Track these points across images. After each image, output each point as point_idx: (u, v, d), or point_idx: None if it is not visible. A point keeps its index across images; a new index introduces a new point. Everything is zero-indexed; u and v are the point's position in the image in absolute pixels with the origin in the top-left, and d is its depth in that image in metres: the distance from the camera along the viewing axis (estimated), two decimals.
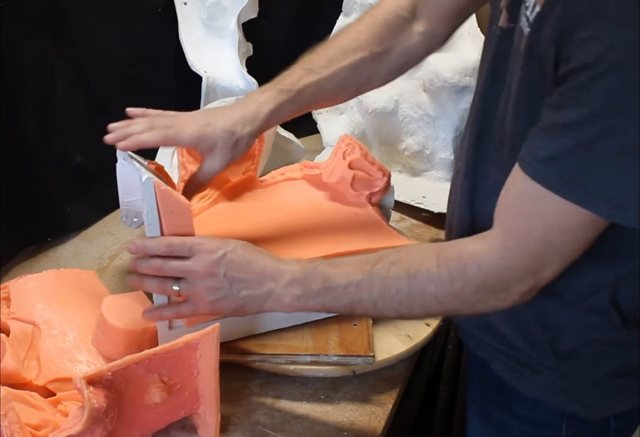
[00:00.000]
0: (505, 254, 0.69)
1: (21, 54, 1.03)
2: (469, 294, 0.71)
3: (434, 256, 0.73)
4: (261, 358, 0.90)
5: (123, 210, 1.04)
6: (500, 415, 0.89)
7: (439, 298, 0.73)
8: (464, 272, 0.71)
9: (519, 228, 0.68)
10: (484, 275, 0.70)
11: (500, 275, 0.70)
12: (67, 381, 0.81)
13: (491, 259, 0.70)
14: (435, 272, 0.72)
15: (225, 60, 1.27)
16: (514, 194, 0.68)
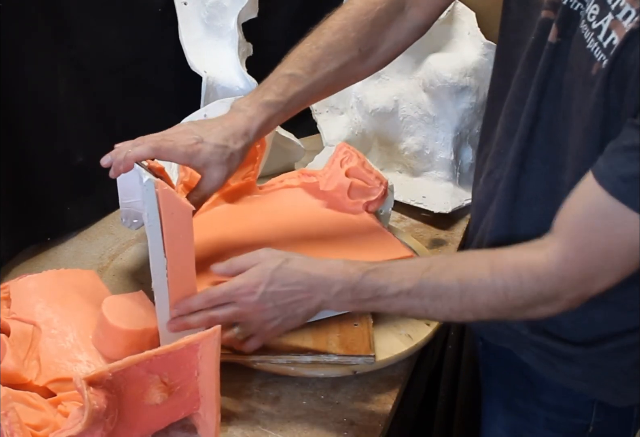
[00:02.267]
0: (564, 266, 0.70)
1: (21, 54, 1.03)
2: (521, 303, 0.73)
3: (488, 263, 0.74)
4: (262, 358, 0.90)
5: (123, 212, 1.04)
6: (525, 404, 0.91)
7: (490, 306, 0.74)
8: (520, 282, 0.72)
9: (583, 241, 0.69)
10: (541, 286, 0.71)
11: (556, 286, 0.71)
12: (67, 381, 0.81)
13: (549, 270, 0.70)
14: (489, 282, 0.73)
15: (225, 60, 1.27)
16: (583, 207, 0.68)
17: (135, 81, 1.24)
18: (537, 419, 0.90)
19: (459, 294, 0.74)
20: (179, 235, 0.80)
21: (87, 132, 1.18)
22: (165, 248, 0.80)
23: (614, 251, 0.67)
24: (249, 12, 1.28)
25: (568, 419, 0.89)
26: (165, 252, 0.80)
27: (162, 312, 0.84)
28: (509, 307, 0.74)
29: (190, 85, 1.25)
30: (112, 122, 1.22)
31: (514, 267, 0.72)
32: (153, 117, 1.27)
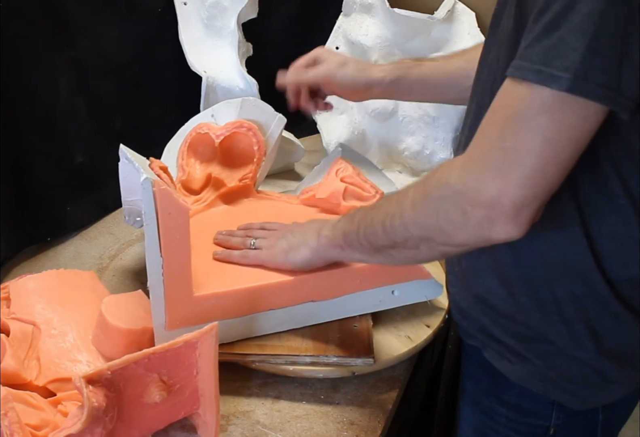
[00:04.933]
0: (465, 153, 0.67)
1: (21, 54, 1.03)
2: (435, 198, 0.69)
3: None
4: (261, 359, 0.90)
5: (125, 210, 1.04)
6: (489, 402, 0.89)
7: (412, 202, 0.73)
8: (431, 178, 0.71)
9: (481, 127, 0.66)
10: (446, 176, 0.68)
11: (463, 174, 0.66)
12: (67, 381, 0.81)
13: (452, 162, 0.70)
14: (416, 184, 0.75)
15: (225, 60, 1.27)
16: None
17: (135, 81, 1.24)
18: (500, 418, 0.89)
19: (392, 200, 0.77)
20: (175, 235, 0.80)
21: (87, 132, 1.18)
22: (161, 247, 0.80)
23: (509, 126, 0.63)
24: (249, 12, 1.28)
25: (528, 420, 0.86)
26: (161, 251, 0.80)
27: (158, 312, 0.84)
28: (427, 205, 0.71)
29: (190, 85, 1.25)
30: (112, 122, 1.22)
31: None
32: (153, 117, 1.28)
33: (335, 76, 1.01)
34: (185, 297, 0.85)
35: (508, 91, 0.63)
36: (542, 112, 0.60)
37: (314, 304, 0.93)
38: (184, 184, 1.06)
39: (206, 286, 0.88)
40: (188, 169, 1.07)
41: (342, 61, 1.02)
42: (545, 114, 0.60)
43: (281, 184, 1.31)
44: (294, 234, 0.90)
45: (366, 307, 0.96)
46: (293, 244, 0.90)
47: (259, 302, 0.90)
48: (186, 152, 1.08)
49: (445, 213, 0.68)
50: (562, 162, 0.63)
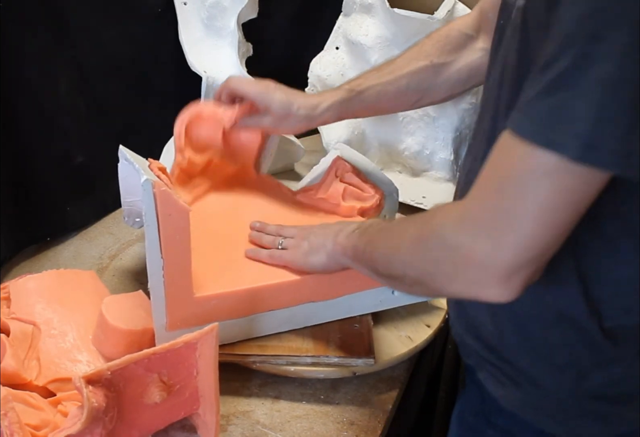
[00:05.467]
0: (463, 203, 0.65)
1: (21, 54, 1.03)
2: (430, 245, 0.67)
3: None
4: (261, 359, 0.90)
5: (125, 210, 1.04)
6: (476, 422, 0.86)
7: (404, 245, 0.71)
8: (429, 222, 0.68)
9: (483, 179, 0.63)
10: (442, 225, 0.65)
11: (457, 228, 0.63)
12: (67, 381, 0.81)
13: (450, 210, 0.67)
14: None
15: (225, 60, 1.27)
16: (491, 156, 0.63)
17: (135, 81, 1.24)
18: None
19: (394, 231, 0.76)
20: (175, 236, 0.80)
21: (87, 132, 1.18)
22: (162, 248, 0.80)
23: (508, 185, 0.59)
24: (249, 12, 1.28)
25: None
26: (162, 252, 0.80)
27: (158, 312, 0.84)
28: (418, 251, 0.68)
29: (190, 85, 1.25)
30: (112, 122, 1.22)
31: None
32: (153, 117, 1.28)
33: (278, 130, 1.02)
34: (186, 298, 0.85)
35: (509, 147, 0.59)
36: (543, 177, 0.57)
37: (314, 304, 0.93)
38: (183, 169, 1.04)
39: (207, 287, 0.88)
40: (187, 153, 1.04)
41: (284, 112, 0.96)
42: (547, 179, 0.57)
43: None
44: (317, 236, 0.89)
45: (366, 308, 0.96)
46: (313, 246, 0.89)
47: (260, 303, 0.90)
48: (184, 133, 1.04)
49: (439, 264, 0.66)
50: (561, 226, 0.60)
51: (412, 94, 0.98)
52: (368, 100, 0.97)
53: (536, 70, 0.58)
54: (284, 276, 0.91)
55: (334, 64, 1.30)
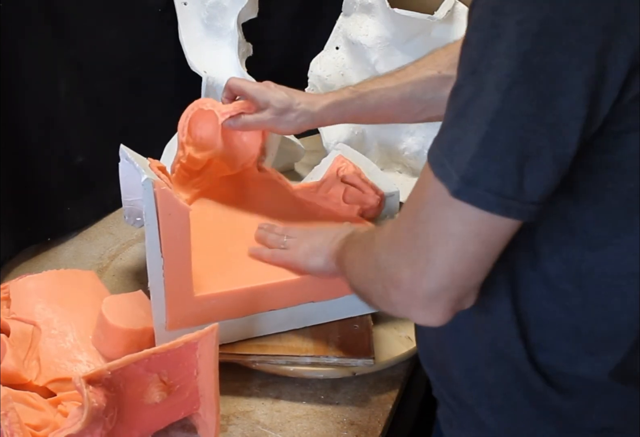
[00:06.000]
0: (392, 222, 0.64)
1: (21, 54, 1.03)
2: (369, 264, 0.66)
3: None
4: (261, 359, 0.90)
5: (126, 210, 1.04)
6: None
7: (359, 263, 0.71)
8: (373, 240, 0.68)
9: (406, 201, 0.62)
10: (378, 245, 0.65)
11: (386, 249, 0.63)
12: (67, 381, 0.81)
13: (386, 229, 0.65)
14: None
15: (225, 60, 1.27)
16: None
17: (135, 81, 1.24)
18: None
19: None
20: (176, 235, 0.80)
21: (87, 132, 1.18)
22: (162, 248, 0.80)
23: (418, 211, 0.58)
24: (249, 12, 1.28)
25: None
26: (162, 251, 0.80)
27: (159, 312, 0.84)
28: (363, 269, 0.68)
29: (190, 85, 1.25)
30: (112, 123, 1.22)
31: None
32: (153, 117, 1.28)
33: (278, 126, 0.98)
34: (186, 297, 0.85)
35: (424, 171, 0.58)
36: (444, 207, 0.55)
37: (314, 304, 0.93)
38: (184, 165, 1.04)
39: (207, 287, 0.88)
40: (189, 149, 1.04)
41: (283, 107, 0.95)
42: (448, 209, 0.55)
43: None
44: (317, 238, 0.90)
45: (366, 308, 0.96)
46: (314, 248, 0.89)
47: (260, 303, 0.90)
48: (187, 128, 1.04)
49: (373, 282, 0.65)
50: (472, 257, 0.56)
51: (416, 102, 0.95)
52: (370, 104, 0.95)
53: (449, 96, 0.56)
54: (284, 275, 0.91)
55: (334, 64, 1.30)
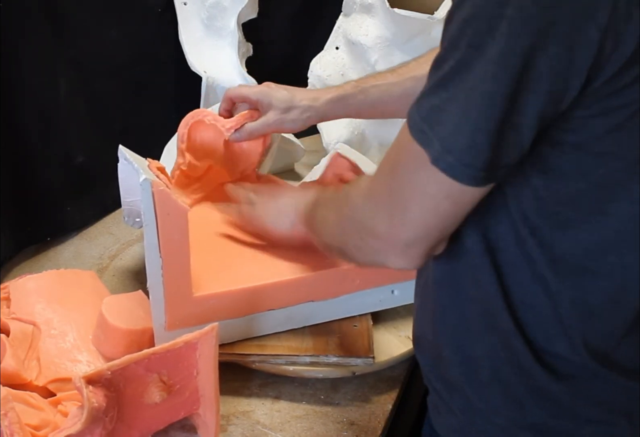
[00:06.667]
0: (370, 178, 0.68)
1: (21, 54, 1.03)
2: (344, 216, 0.71)
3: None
4: (261, 359, 0.90)
5: (125, 210, 1.04)
6: None
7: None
8: (348, 194, 0.71)
9: (383, 157, 0.66)
10: (354, 197, 0.69)
11: (364, 201, 0.66)
12: (67, 381, 0.81)
13: (362, 183, 0.70)
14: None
15: (225, 60, 1.27)
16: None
17: (135, 81, 1.24)
18: None
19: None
20: (174, 235, 0.80)
21: (87, 132, 1.18)
22: (160, 248, 0.80)
23: (395, 168, 0.62)
24: (249, 12, 1.28)
25: None
26: (160, 252, 0.80)
27: (158, 312, 0.84)
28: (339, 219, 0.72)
29: (190, 85, 1.25)
30: (112, 123, 1.22)
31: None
32: (153, 117, 1.28)
33: (284, 125, 0.99)
34: (184, 297, 0.85)
35: (403, 132, 0.60)
36: (420, 169, 0.59)
37: (313, 304, 0.93)
38: (184, 171, 1.04)
39: (206, 286, 0.88)
40: (189, 156, 1.04)
41: (287, 105, 0.97)
42: (423, 172, 0.58)
43: None
44: (286, 200, 0.91)
45: (366, 307, 0.96)
46: (282, 210, 0.90)
47: (259, 302, 0.90)
48: (187, 136, 1.04)
49: (349, 234, 0.69)
50: (444, 214, 0.61)
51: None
52: (371, 98, 0.96)
53: (432, 65, 0.59)
54: (284, 275, 0.91)
55: (334, 64, 1.30)
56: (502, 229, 0.64)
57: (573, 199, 0.61)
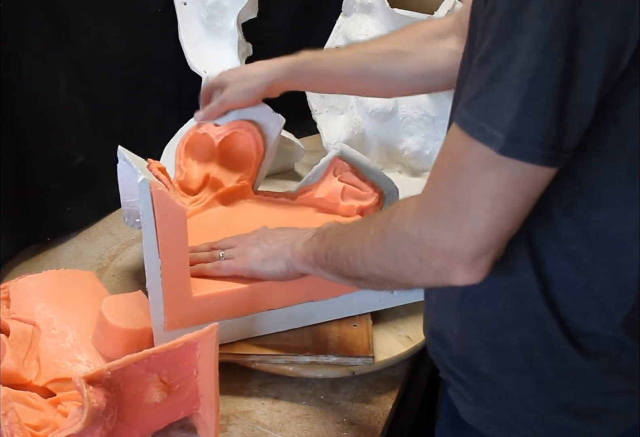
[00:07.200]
0: (419, 196, 0.65)
1: (21, 54, 1.03)
2: (392, 243, 0.67)
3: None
4: (261, 359, 0.90)
5: (125, 211, 1.04)
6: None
7: (370, 243, 0.71)
8: (389, 220, 0.68)
9: (432, 172, 0.64)
10: (402, 221, 0.66)
11: (417, 221, 0.64)
12: (67, 381, 0.81)
13: (408, 205, 0.67)
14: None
15: (225, 60, 1.27)
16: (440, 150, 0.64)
17: (135, 81, 1.24)
18: None
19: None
20: (173, 236, 0.80)
21: (87, 133, 1.18)
22: (159, 248, 0.80)
23: (455, 175, 0.60)
24: (249, 12, 1.28)
25: None
26: (159, 252, 0.80)
27: (157, 312, 0.84)
28: (382, 248, 0.69)
29: (190, 85, 1.25)
30: (112, 123, 1.22)
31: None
32: (153, 117, 1.28)
33: (238, 97, 1.04)
34: (183, 297, 0.85)
35: (455, 139, 0.60)
36: (487, 169, 0.58)
37: (313, 303, 0.93)
38: (182, 184, 1.06)
39: (205, 286, 0.88)
40: (185, 169, 1.07)
41: (239, 79, 1.03)
42: (492, 171, 0.58)
43: (281, 184, 1.31)
44: (269, 243, 0.88)
45: (365, 307, 0.96)
46: (269, 253, 0.87)
47: (258, 302, 0.90)
48: (184, 152, 1.08)
49: (404, 259, 0.66)
50: (515, 213, 0.60)
51: (367, 72, 0.99)
52: (322, 66, 1.00)
53: (475, 63, 0.59)
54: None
55: None
56: (535, 212, 0.63)
57: (609, 174, 0.61)
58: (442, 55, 0.97)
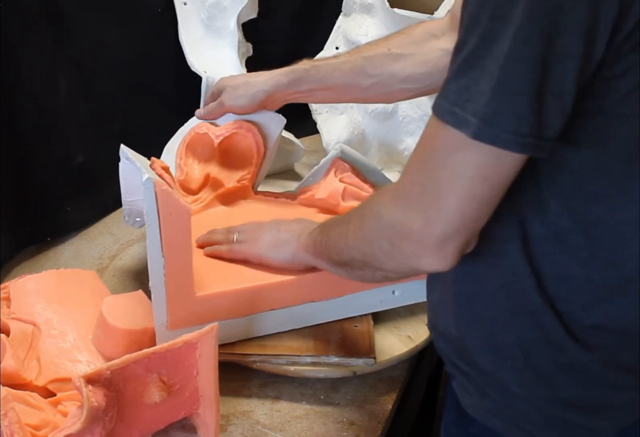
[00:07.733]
0: (396, 182, 0.67)
1: (21, 54, 1.03)
2: (369, 226, 0.70)
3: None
4: (262, 359, 0.90)
5: (126, 210, 1.04)
6: (458, 432, 0.84)
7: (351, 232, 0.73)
8: (368, 205, 0.72)
9: (409, 159, 0.65)
10: (378, 205, 0.69)
11: (391, 206, 0.66)
12: (67, 381, 0.81)
13: (386, 190, 0.69)
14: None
15: (225, 61, 1.27)
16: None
17: (135, 81, 1.24)
18: None
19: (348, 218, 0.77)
20: (176, 235, 0.80)
21: (87, 133, 1.18)
22: (163, 247, 0.80)
23: (426, 162, 0.62)
24: (249, 12, 1.28)
25: None
26: (163, 251, 0.80)
27: (160, 312, 0.84)
28: (364, 233, 0.71)
29: (190, 86, 1.25)
30: (112, 123, 1.22)
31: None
32: (153, 117, 1.28)
33: (235, 102, 1.04)
34: (187, 297, 0.85)
35: (430, 126, 0.61)
36: (455, 153, 0.59)
37: (314, 304, 0.93)
38: (182, 184, 1.06)
39: (208, 286, 0.88)
40: (186, 169, 1.07)
41: (238, 85, 1.04)
42: (459, 155, 0.59)
43: (281, 184, 1.31)
44: (280, 231, 0.91)
45: (367, 308, 0.96)
46: (279, 240, 0.90)
47: (260, 302, 0.90)
48: (184, 152, 1.08)
49: (377, 243, 0.68)
50: (479, 199, 0.61)
51: (365, 76, 1.00)
52: (321, 74, 1.00)
53: (453, 51, 0.59)
54: (285, 275, 0.91)
55: None
56: (529, 209, 0.64)
57: (603, 166, 0.62)
58: (437, 54, 0.97)
